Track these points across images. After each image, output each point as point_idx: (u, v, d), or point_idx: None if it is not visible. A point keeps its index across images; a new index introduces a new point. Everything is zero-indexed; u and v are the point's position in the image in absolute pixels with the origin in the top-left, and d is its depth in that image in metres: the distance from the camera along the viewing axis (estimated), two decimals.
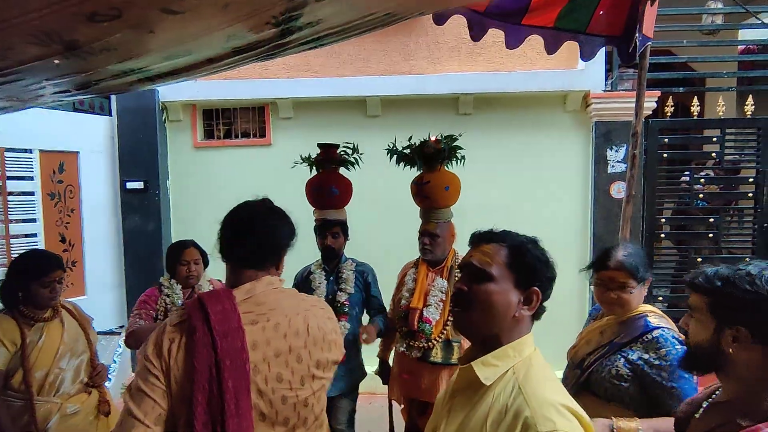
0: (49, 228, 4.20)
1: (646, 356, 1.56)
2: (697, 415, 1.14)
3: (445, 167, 2.54)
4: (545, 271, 1.06)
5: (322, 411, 1.30)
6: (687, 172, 4.38)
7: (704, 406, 1.14)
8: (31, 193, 4.15)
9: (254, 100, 4.48)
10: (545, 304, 1.08)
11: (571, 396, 0.98)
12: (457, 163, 2.55)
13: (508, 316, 1.02)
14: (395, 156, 2.61)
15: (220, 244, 1.30)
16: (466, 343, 2.35)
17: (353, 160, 2.76)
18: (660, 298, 4.31)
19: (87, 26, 1.24)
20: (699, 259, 4.26)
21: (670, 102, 4.16)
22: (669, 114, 4.19)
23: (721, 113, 4.15)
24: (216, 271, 2.67)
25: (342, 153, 2.74)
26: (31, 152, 4.14)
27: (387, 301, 2.80)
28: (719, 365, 1.04)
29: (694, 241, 4.39)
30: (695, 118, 4.22)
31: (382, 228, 4.33)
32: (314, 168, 2.74)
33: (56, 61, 1.37)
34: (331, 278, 2.64)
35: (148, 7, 1.21)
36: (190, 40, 1.46)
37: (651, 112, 4.12)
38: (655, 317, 1.66)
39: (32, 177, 4.15)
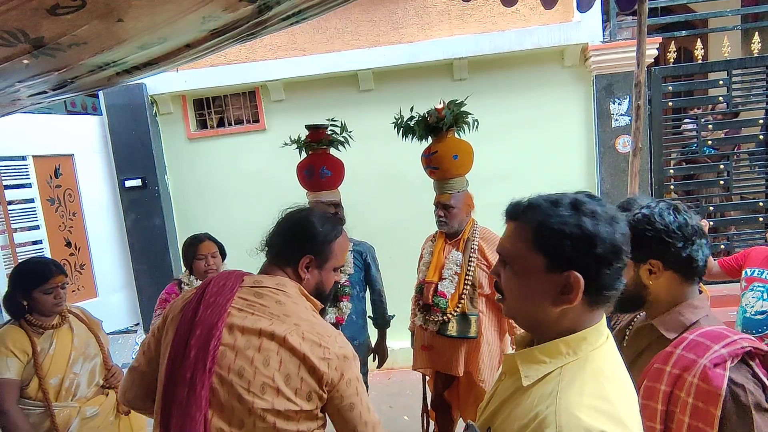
0: (53, 233, 4.19)
1: None
2: (624, 343, 1.29)
3: (455, 135, 2.46)
4: (583, 249, 0.80)
5: None
6: (690, 120, 4.26)
7: (627, 333, 1.31)
8: (31, 200, 4.12)
9: (244, 85, 4.38)
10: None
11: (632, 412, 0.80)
12: (468, 129, 2.47)
13: (544, 307, 0.84)
14: (401, 129, 2.53)
15: None
16: (484, 317, 2.32)
17: (342, 140, 2.70)
18: None
19: (50, 21, 1.17)
20: (711, 208, 4.19)
21: (672, 47, 4.01)
22: (672, 60, 4.04)
23: (726, 54, 4.00)
24: (234, 263, 2.66)
25: (331, 133, 2.68)
26: (25, 159, 4.09)
27: (390, 277, 2.79)
28: (643, 298, 1.18)
29: (705, 189, 4.29)
30: (699, 61, 4.07)
31: (385, 203, 4.29)
32: (304, 150, 2.69)
33: (25, 62, 1.31)
34: None
35: None
36: (163, 26, 1.38)
37: (653, 60, 3.98)
38: None
39: (30, 184, 4.12)
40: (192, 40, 1.58)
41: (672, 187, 4.23)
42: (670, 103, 4.13)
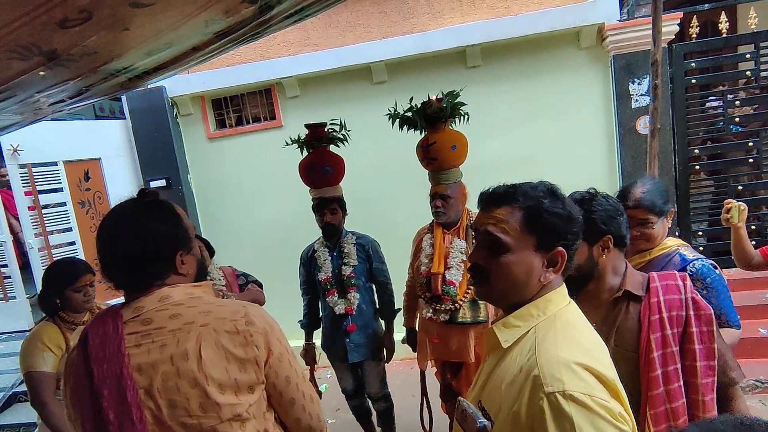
0: (85, 235, 4.38)
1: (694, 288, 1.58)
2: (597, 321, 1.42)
3: (450, 126, 2.46)
4: (569, 227, 0.95)
5: None
6: (714, 97, 4.10)
7: None
8: (63, 204, 4.32)
9: (260, 83, 4.45)
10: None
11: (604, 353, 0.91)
12: (461, 120, 2.47)
13: (531, 283, 0.95)
14: (397, 121, 2.54)
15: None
16: None
17: (342, 137, 2.74)
18: (699, 233, 4.14)
19: (61, 33, 1.24)
20: (740, 188, 4.04)
21: (694, 22, 3.86)
22: (694, 36, 3.90)
23: (753, 26, 3.83)
24: (224, 259, 2.74)
25: (330, 131, 2.73)
26: (56, 164, 4.28)
27: (399, 268, 2.81)
28: (592, 274, 1.35)
29: (733, 168, 4.14)
30: (724, 35, 3.91)
31: (401, 195, 4.30)
32: (305, 149, 2.74)
33: (41, 73, 1.38)
34: (335, 253, 2.71)
35: (116, 5, 1.19)
36: (168, 32, 1.43)
37: (674, 37, 3.84)
38: (687, 249, 1.71)
39: (61, 188, 4.31)
40: (198, 43, 1.63)
41: (697, 167, 4.10)
42: (694, 81, 3.99)
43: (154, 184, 4.54)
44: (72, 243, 4.37)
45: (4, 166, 4.36)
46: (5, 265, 4.55)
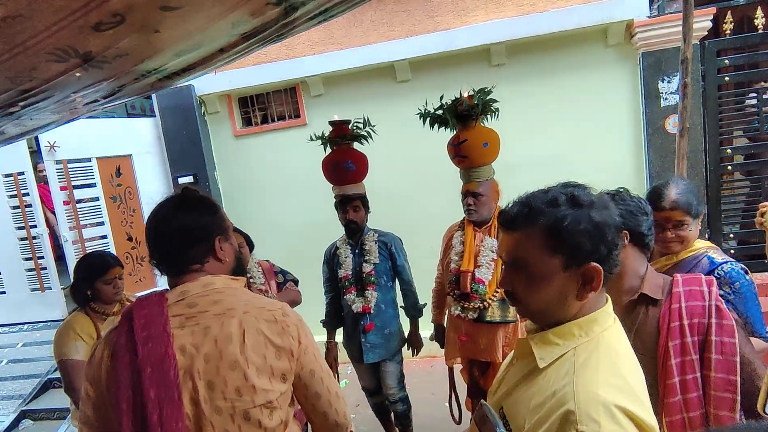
0: (116, 229, 4.54)
1: (721, 292, 1.52)
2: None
3: (481, 123, 2.46)
4: (599, 238, 0.84)
5: (279, 426, 1.12)
6: (753, 94, 3.96)
7: None
8: (96, 199, 4.49)
9: (285, 82, 4.52)
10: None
11: (642, 392, 0.83)
12: (491, 117, 2.46)
13: (568, 303, 0.87)
14: (428, 119, 2.55)
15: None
16: None
17: (366, 134, 2.74)
18: (731, 236, 4.01)
19: (96, 36, 1.29)
20: None
21: (728, 18, 3.74)
22: (728, 32, 3.77)
23: None
24: (264, 252, 2.80)
25: (354, 128, 2.74)
26: (90, 161, 4.45)
27: (423, 266, 2.81)
28: None
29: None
30: (761, 31, 3.77)
31: (425, 192, 4.31)
32: (329, 146, 2.76)
33: (77, 74, 1.44)
34: (356, 251, 2.72)
35: (147, 8, 1.23)
36: (196, 34, 1.48)
37: (706, 33, 3.73)
38: (716, 252, 1.66)
39: (94, 183, 4.48)
40: (225, 45, 1.67)
41: (730, 167, 3.97)
42: (727, 78, 3.86)
43: (182, 180, 4.67)
44: (104, 237, 4.54)
45: (42, 161, 4.55)
46: (42, 257, 4.76)
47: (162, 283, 4.68)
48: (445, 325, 2.72)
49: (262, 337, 1.09)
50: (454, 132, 2.49)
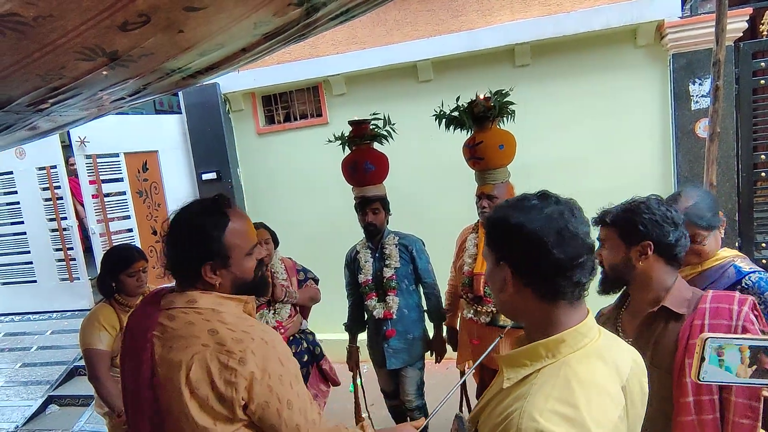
0: (142, 223, 4.66)
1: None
2: (633, 337, 1.37)
3: (497, 125, 2.43)
4: (513, 241, 0.84)
5: None
6: None
7: (619, 327, 1.43)
8: (123, 193, 4.61)
9: (308, 81, 4.55)
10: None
11: None
12: (508, 119, 2.42)
13: (511, 301, 0.88)
14: (444, 120, 2.53)
15: None
16: None
17: (385, 134, 2.68)
18: (763, 245, 3.86)
19: (122, 36, 1.32)
20: None
21: (766, 18, 3.60)
22: (765, 33, 3.64)
23: None
24: (284, 250, 2.82)
25: (374, 127, 2.68)
26: (117, 156, 4.57)
27: (443, 268, 2.77)
28: (630, 279, 1.33)
29: None
30: None
31: (446, 194, 4.27)
32: (348, 146, 2.71)
33: (104, 73, 1.48)
34: (377, 255, 2.65)
35: (172, 9, 1.26)
36: (219, 33, 1.50)
37: (741, 34, 3.60)
38: (744, 261, 1.59)
39: (122, 178, 4.60)
40: (247, 45, 1.70)
41: (763, 173, 3.82)
42: (763, 81, 3.72)
43: (206, 176, 4.76)
44: (130, 230, 4.66)
45: (72, 156, 4.70)
46: (71, 248, 4.91)
47: None
48: (457, 327, 2.71)
49: (208, 377, 1.03)
50: (471, 133, 2.46)
